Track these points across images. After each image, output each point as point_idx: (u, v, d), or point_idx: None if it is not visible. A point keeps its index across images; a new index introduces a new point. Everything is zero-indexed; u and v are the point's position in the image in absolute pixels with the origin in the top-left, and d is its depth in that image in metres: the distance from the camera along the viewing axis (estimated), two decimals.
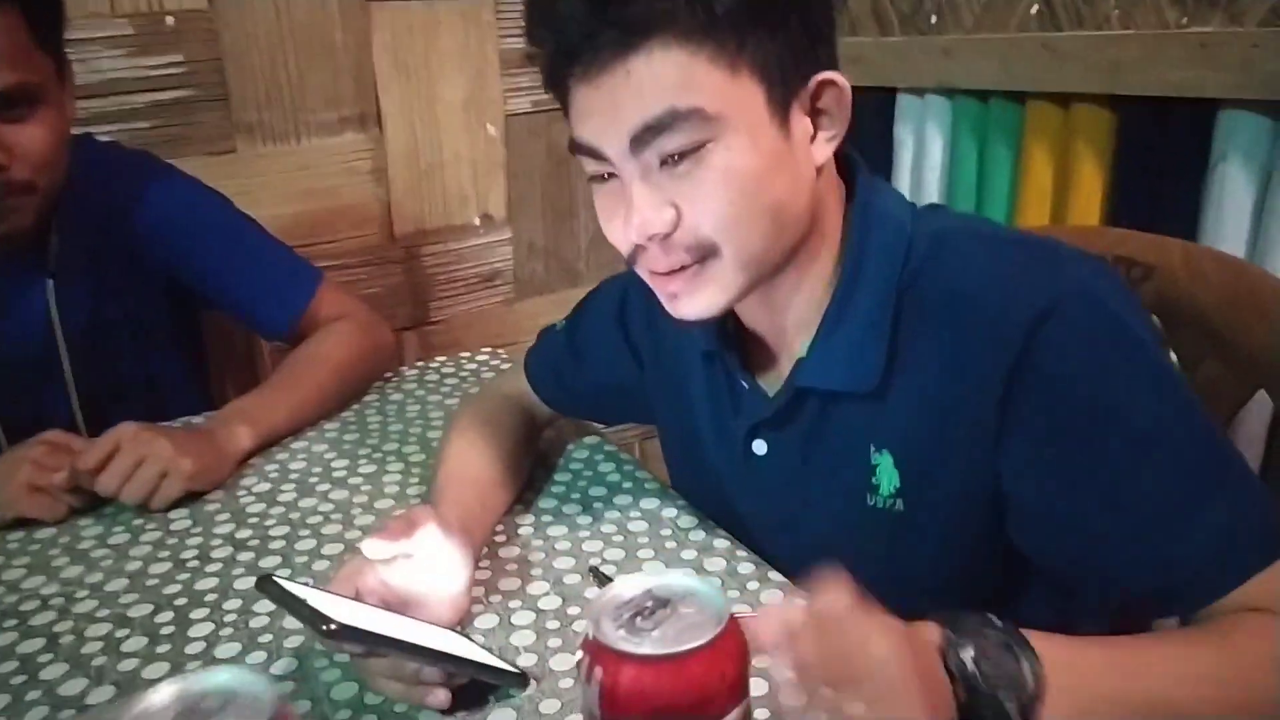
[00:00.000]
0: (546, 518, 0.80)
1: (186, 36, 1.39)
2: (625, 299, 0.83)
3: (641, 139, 0.57)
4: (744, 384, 0.71)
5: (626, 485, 0.84)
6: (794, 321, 0.67)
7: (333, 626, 0.49)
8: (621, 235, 0.61)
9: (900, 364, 0.63)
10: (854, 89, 0.63)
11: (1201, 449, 0.57)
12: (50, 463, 0.82)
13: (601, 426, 0.97)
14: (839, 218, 0.66)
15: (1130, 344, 0.58)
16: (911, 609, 0.67)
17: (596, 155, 0.60)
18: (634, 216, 0.59)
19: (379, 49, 1.53)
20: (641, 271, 0.65)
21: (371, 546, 0.60)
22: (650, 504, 0.81)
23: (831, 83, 0.61)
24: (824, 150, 0.62)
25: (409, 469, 0.89)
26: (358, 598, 0.59)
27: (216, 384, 1.20)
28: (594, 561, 0.73)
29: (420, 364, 1.13)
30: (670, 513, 0.79)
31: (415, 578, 0.61)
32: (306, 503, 0.84)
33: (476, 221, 1.70)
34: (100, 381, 1.00)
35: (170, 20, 1.37)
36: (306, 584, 0.57)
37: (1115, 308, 0.59)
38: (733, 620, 0.44)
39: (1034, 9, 1.44)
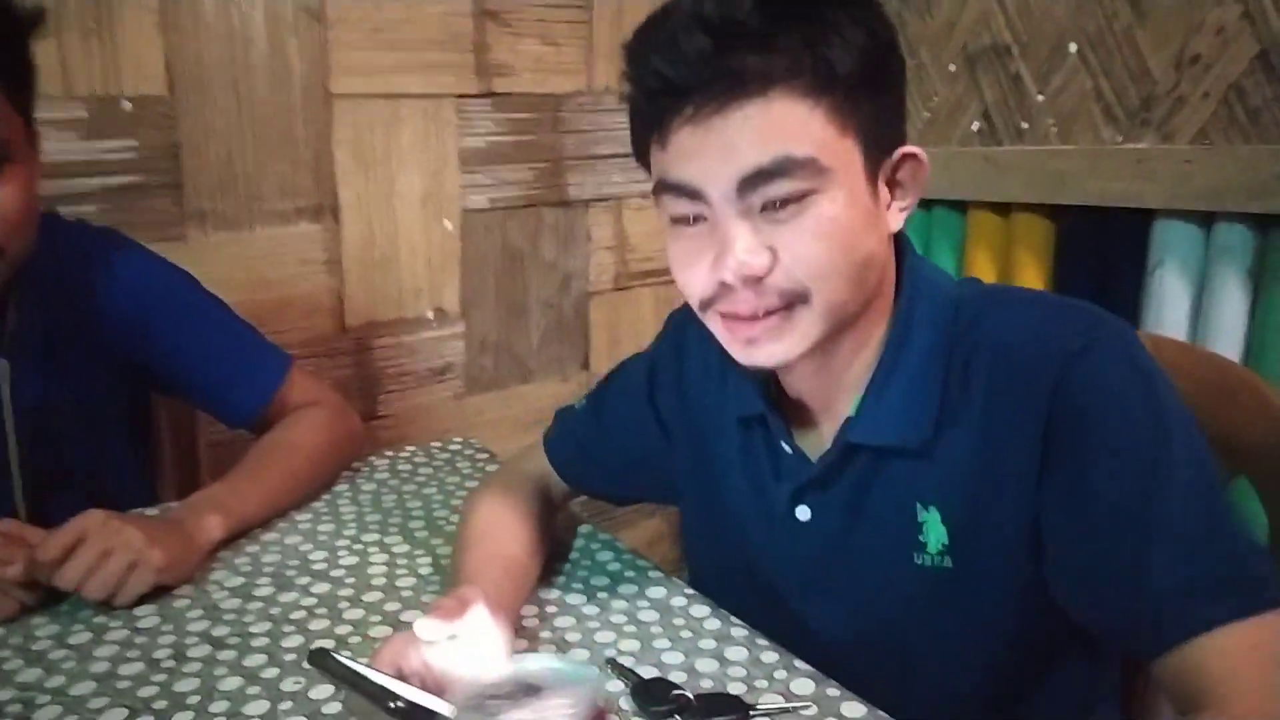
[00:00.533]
0: (551, 608, 0.76)
1: (143, 121, 1.36)
2: (654, 374, 0.83)
3: (751, 183, 0.59)
4: (787, 448, 0.71)
5: (629, 574, 0.81)
6: (844, 383, 0.69)
7: (400, 705, 0.45)
8: (706, 277, 0.62)
9: (947, 418, 0.65)
10: None
11: (1210, 490, 0.59)
12: (2, 554, 0.74)
13: (585, 517, 0.94)
14: (893, 285, 0.68)
15: (1158, 382, 0.61)
16: (956, 672, 0.67)
17: (693, 196, 0.61)
18: (730, 258, 0.59)
19: (339, 142, 1.52)
20: (712, 319, 0.65)
21: (425, 627, 0.57)
22: (657, 592, 0.78)
23: (914, 156, 0.64)
24: (897, 219, 0.65)
25: (394, 561, 0.84)
26: (400, 678, 0.55)
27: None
28: (609, 653, 0.70)
29: (390, 454, 1.08)
30: (679, 601, 0.77)
31: (458, 659, 0.57)
32: (287, 597, 0.78)
33: (430, 315, 1.67)
34: (45, 468, 0.93)
35: (127, 105, 1.34)
36: (358, 661, 0.53)
37: (1144, 352, 0.62)
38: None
39: (975, 125, 1.53)
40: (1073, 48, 1.35)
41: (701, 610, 0.75)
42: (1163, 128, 1.27)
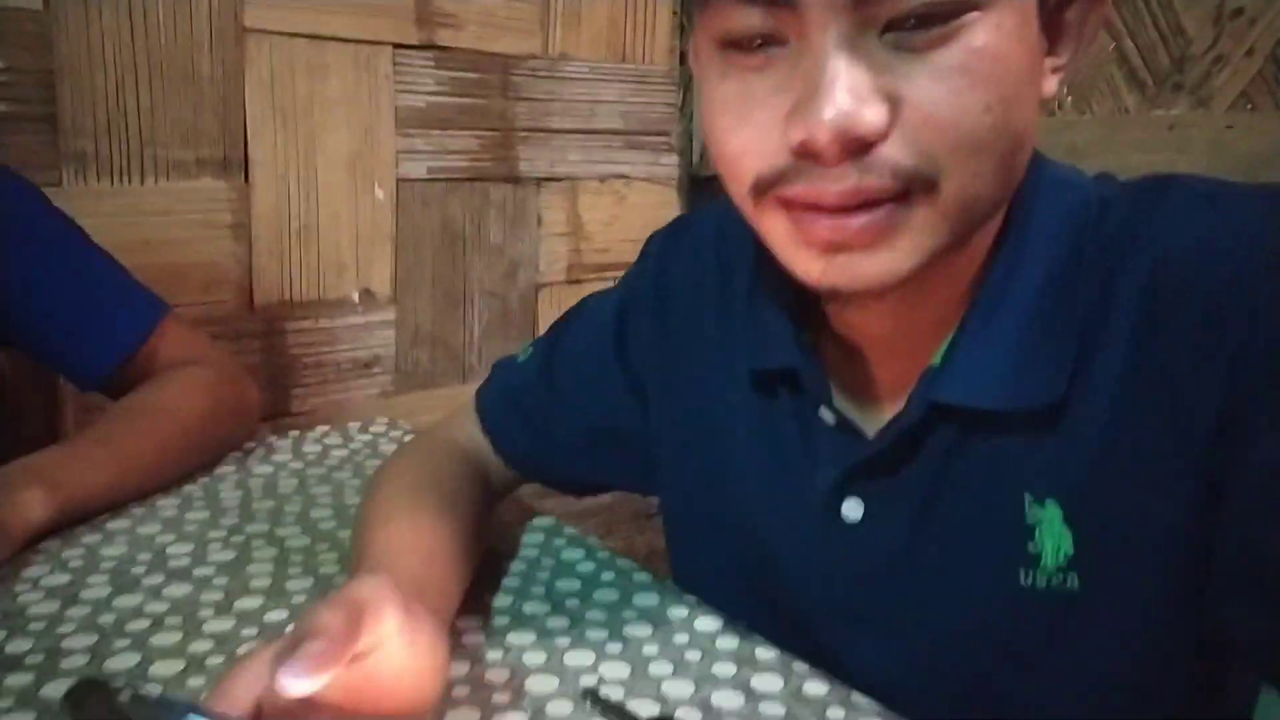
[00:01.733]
0: (501, 619, 0.55)
1: (8, 38, 1.12)
2: (624, 316, 0.63)
3: None
4: (828, 417, 0.50)
5: (607, 576, 0.61)
6: (929, 320, 0.47)
7: None
8: (774, 138, 0.40)
9: (1082, 372, 0.44)
10: None
11: None
12: None
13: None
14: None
15: None
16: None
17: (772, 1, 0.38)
18: (827, 102, 0.37)
19: (253, 85, 1.30)
20: (770, 212, 0.42)
21: (292, 682, 0.33)
22: (647, 600, 0.57)
23: None
24: (1051, 82, 0.43)
25: (286, 556, 0.62)
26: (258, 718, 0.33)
27: None
28: (587, 681, 0.49)
29: (295, 433, 0.86)
30: (679, 612, 0.56)
31: (370, 673, 0.36)
32: (125, 601, 0.56)
33: (355, 297, 1.45)
34: None
35: None
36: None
37: None
38: None
39: None
40: None
41: (711, 624, 0.55)
42: (1198, 92, 1.13)
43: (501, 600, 0.57)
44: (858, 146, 0.38)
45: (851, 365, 0.51)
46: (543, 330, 0.70)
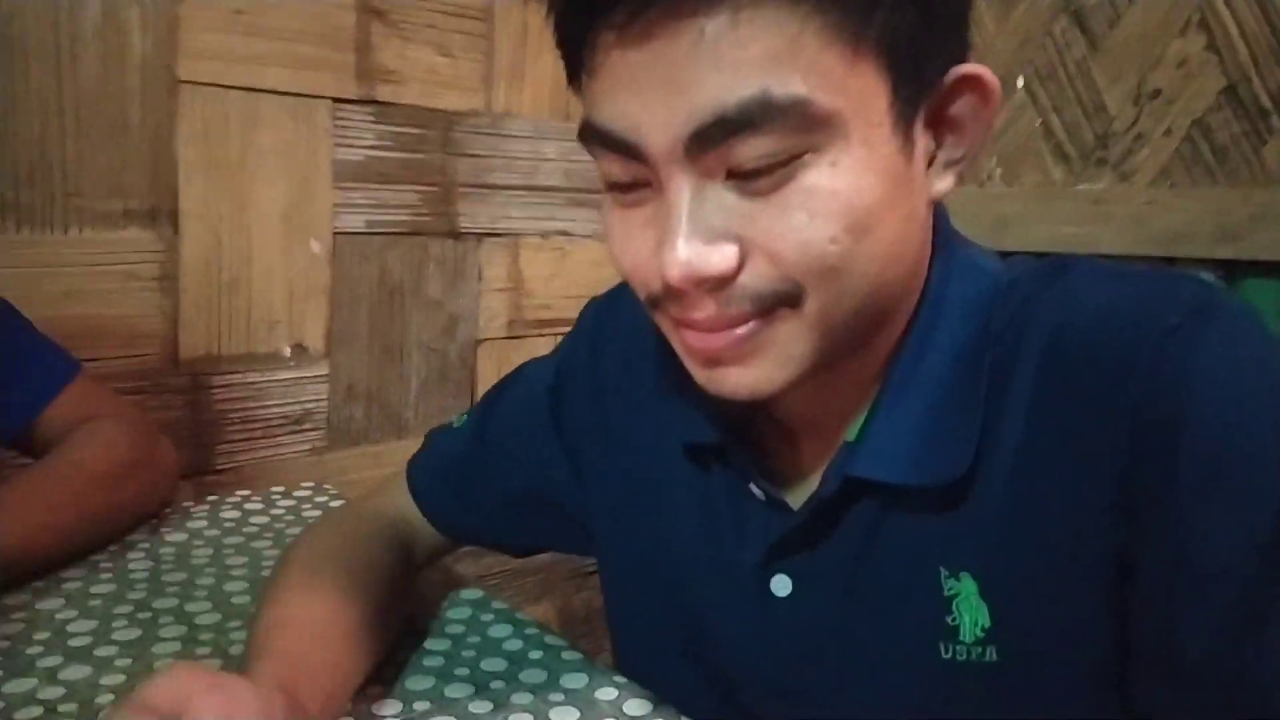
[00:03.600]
0: (422, 703, 0.53)
1: None
2: (560, 382, 0.62)
3: (707, 137, 0.38)
4: (758, 492, 0.50)
5: (534, 655, 0.59)
6: (843, 400, 0.49)
7: None
8: (649, 267, 0.42)
9: (988, 445, 0.44)
10: None
11: None
12: None
13: (476, 577, 0.71)
14: (922, 272, 0.47)
15: None
16: None
17: (627, 151, 0.41)
18: (675, 251, 0.39)
19: (185, 136, 1.27)
20: (663, 320, 0.45)
21: None
22: (575, 680, 0.56)
23: (975, 80, 0.42)
24: (945, 180, 0.44)
25: (194, 636, 0.59)
26: None
27: None
28: None
29: (213, 497, 0.83)
30: (608, 693, 0.54)
31: None
32: (18, 686, 0.52)
33: (286, 352, 1.41)
34: None
35: None
36: None
37: (1270, 338, 0.42)
38: None
39: None
40: (1020, 82, 1.25)
41: (641, 707, 0.53)
42: (1120, 167, 1.18)
43: (422, 682, 0.55)
44: (712, 284, 0.40)
45: (779, 441, 0.52)
46: (482, 386, 0.70)
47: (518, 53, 1.59)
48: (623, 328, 0.61)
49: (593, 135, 0.43)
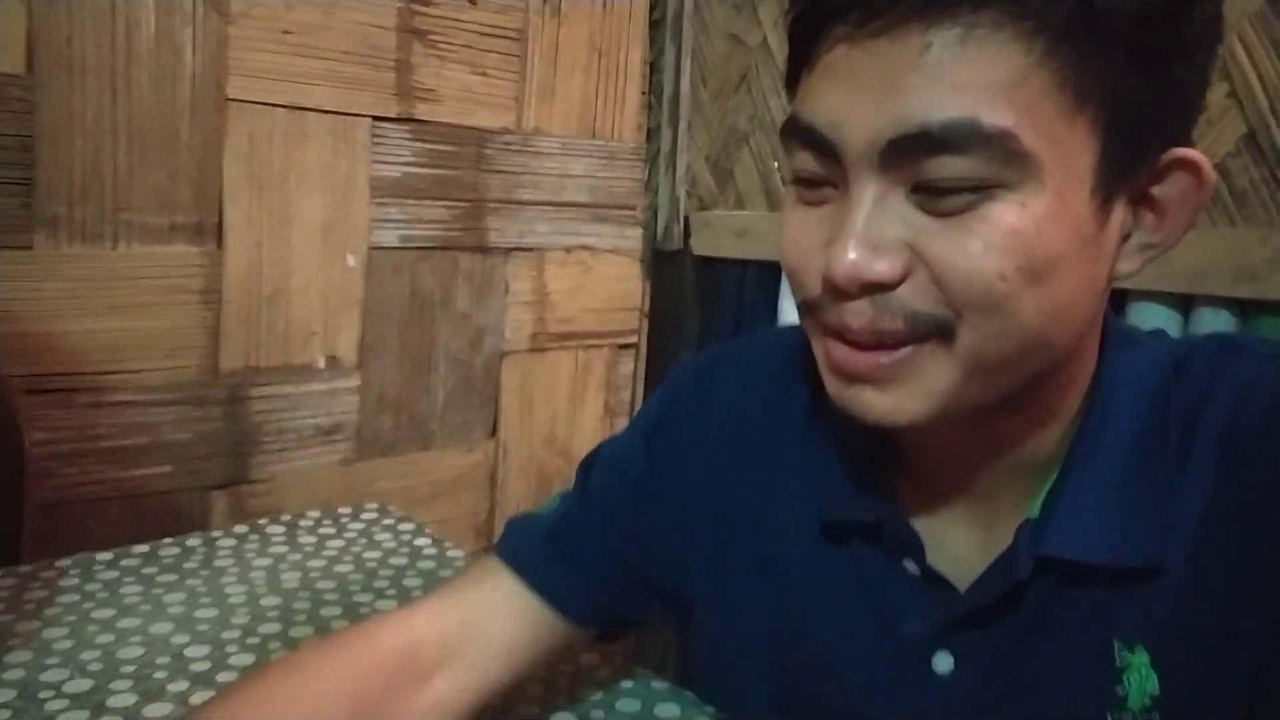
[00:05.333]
0: None
1: None
2: (657, 429, 0.60)
3: (906, 147, 0.39)
4: (912, 569, 0.50)
5: (625, 684, 0.62)
6: (1014, 466, 0.48)
7: None
8: (811, 267, 0.43)
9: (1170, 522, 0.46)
10: (741, 262, 0.49)
11: None
12: None
13: None
14: (1095, 350, 0.48)
15: None
16: None
17: (823, 148, 0.42)
18: (845, 249, 0.40)
19: (231, 153, 1.30)
20: (812, 330, 0.45)
21: None
22: (669, 710, 0.59)
23: (1192, 166, 0.42)
24: (1133, 260, 0.44)
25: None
26: None
27: None
28: None
29: (286, 518, 0.86)
30: None
31: None
32: (155, 711, 0.55)
33: (321, 364, 1.44)
34: None
35: None
36: None
37: None
38: None
39: None
40: None
41: None
42: None
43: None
44: (872, 288, 0.41)
45: (935, 520, 0.51)
46: (506, 398, 0.67)
47: (549, 72, 1.62)
48: (729, 389, 0.60)
49: (795, 129, 0.43)
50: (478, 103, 1.54)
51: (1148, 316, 1.22)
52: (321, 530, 0.85)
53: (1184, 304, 1.20)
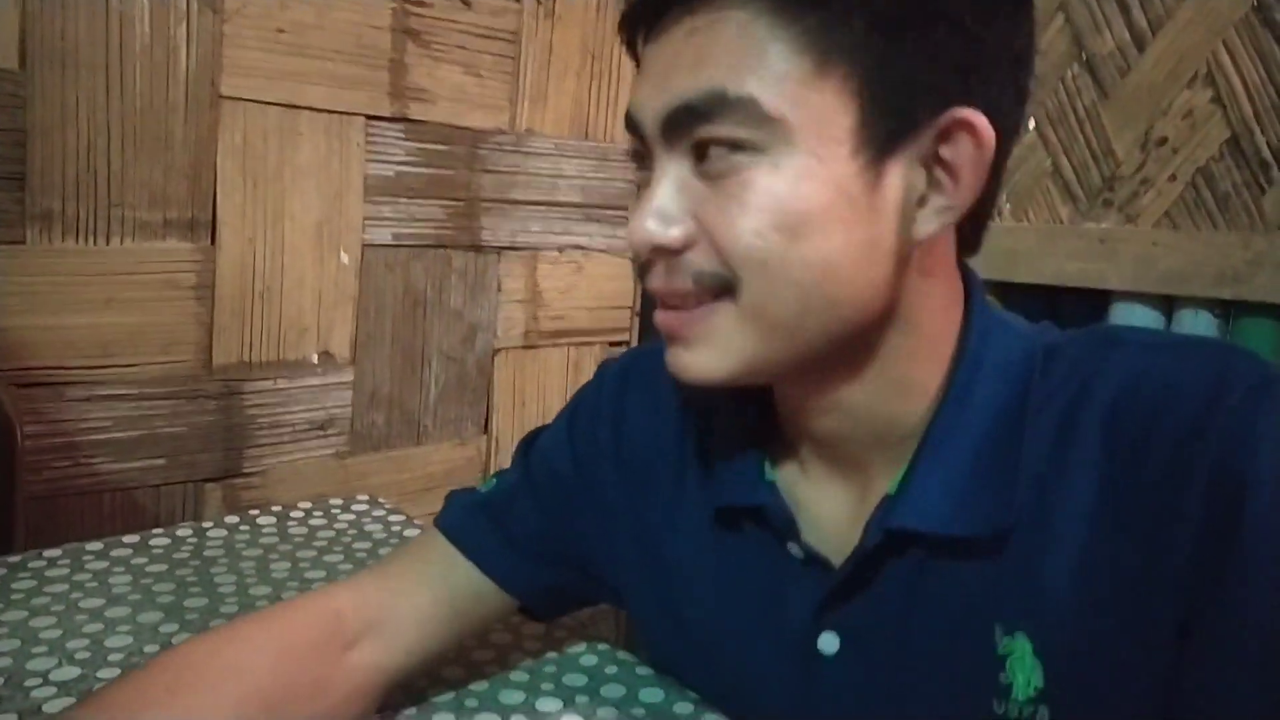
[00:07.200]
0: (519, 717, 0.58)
1: None
2: (579, 455, 0.62)
3: (676, 120, 0.45)
4: (796, 551, 0.52)
5: (610, 670, 0.63)
6: (878, 446, 0.50)
7: None
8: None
9: (1037, 502, 0.46)
10: None
11: None
12: None
13: None
14: (949, 327, 0.50)
15: None
16: None
17: (635, 130, 0.48)
18: (644, 219, 0.46)
19: (225, 150, 1.31)
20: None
21: None
22: (654, 696, 0.61)
23: (967, 125, 0.44)
24: (930, 222, 0.46)
25: None
26: None
27: None
28: None
29: (277, 509, 0.87)
30: (685, 708, 0.59)
31: None
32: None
33: (314, 359, 1.45)
34: None
35: None
36: None
37: None
38: None
39: None
40: (1031, 123, 1.31)
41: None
42: (1126, 209, 1.24)
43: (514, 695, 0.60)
44: (664, 254, 0.46)
45: (816, 499, 0.53)
46: (498, 394, 0.70)
47: (542, 73, 1.63)
48: (647, 395, 0.62)
49: (626, 116, 0.49)
50: (471, 103, 1.54)
51: (1130, 317, 1.24)
52: (312, 521, 0.86)
53: (1167, 305, 1.22)
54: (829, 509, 0.52)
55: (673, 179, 0.46)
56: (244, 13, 1.29)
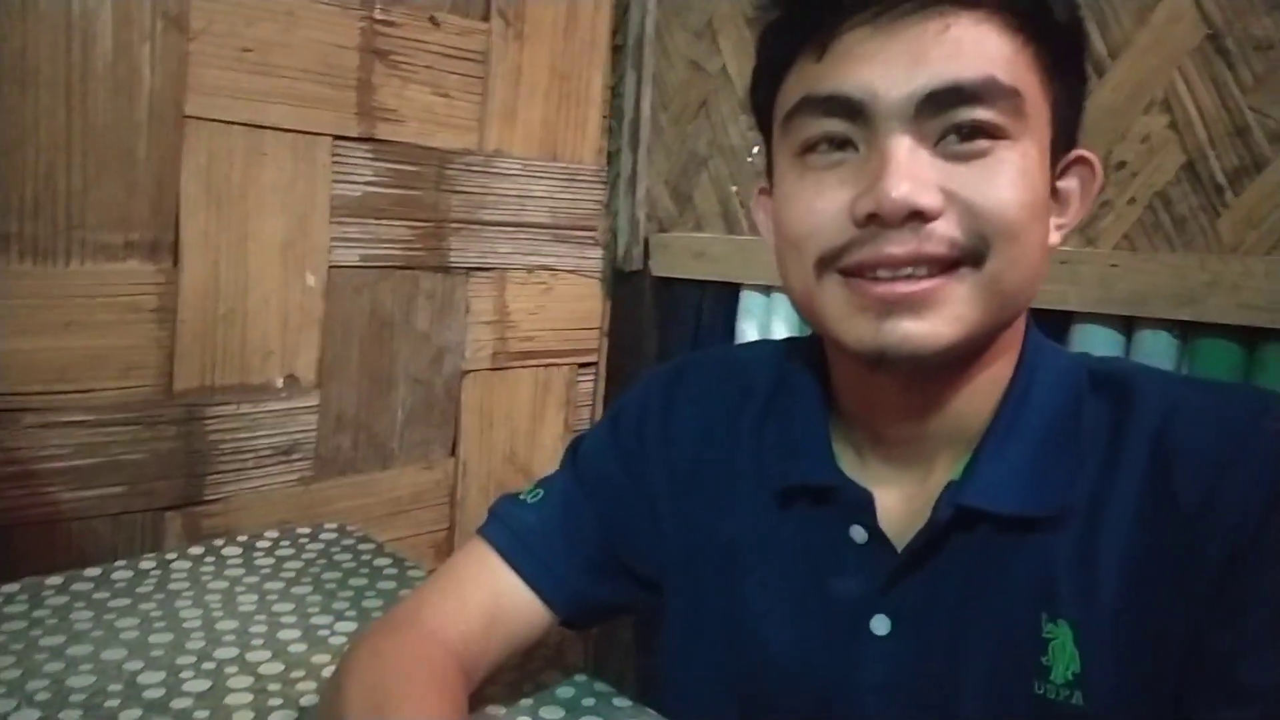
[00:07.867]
0: None
1: None
2: (618, 421, 0.67)
3: (939, 100, 0.47)
4: (857, 536, 0.55)
5: (587, 702, 0.63)
6: (946, 435, 0.54)
7: None
8: (841, 216, 0.49)
9: (1094, 499, 0.50)
10: (699, 283, 0.56)
11: None
12: None
13: None
14: (1022, 334, 0.55)
15: None
16: None
17: (851, 112, 0.49)
18: (899, 182, 0.46)
19: (189, 171, 1.29)
20: (831, 285, 0.50)
21: None
22: None
23: (1087, 162, 0.54)
24: (1056, 235, 0.54)
25: (262, 687, 0.62)
26: None
27: None
28: None
29: (243, 539, 0.85)
30: None
31: None
32: None
33: (279, 383, 1.43)
34: None
35: None
36: None
37: None
38: None
39: None
40: None
41: None
42: (1086, 231, 1.26)
43: None
44: (918, 218, 0.47)
45: (874, 486, 0.55)
46: (466, 417, 0.70)
47: (510, 94, 1.63)
48: (694, 400, 0.64)
49: (815, 102, 0.50)
50: (439, 123, 1.54)
51: (1092, 338, 1.26)
52: (279, 551, 0.84)
53: (1126, 326, 1.24)
54: (886, 498, 0.55)
55: (917, 153, 0.48)
56: (210, 31, 1.27)
